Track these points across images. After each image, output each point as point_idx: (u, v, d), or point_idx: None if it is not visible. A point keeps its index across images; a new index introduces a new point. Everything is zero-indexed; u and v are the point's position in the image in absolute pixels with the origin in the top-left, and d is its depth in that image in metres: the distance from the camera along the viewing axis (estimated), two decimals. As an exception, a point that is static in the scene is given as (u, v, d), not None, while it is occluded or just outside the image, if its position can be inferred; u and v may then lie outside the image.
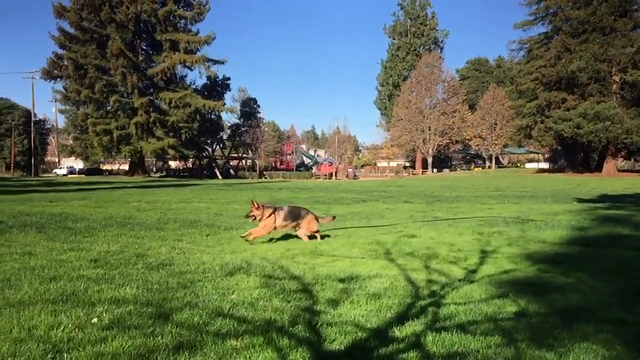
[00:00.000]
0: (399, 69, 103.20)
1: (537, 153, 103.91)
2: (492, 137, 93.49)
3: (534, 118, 73.72)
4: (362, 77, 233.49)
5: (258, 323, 4.47)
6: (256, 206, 10.20)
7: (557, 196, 25.54)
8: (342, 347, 3.98)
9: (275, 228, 10.24)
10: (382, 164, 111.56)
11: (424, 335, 4.24)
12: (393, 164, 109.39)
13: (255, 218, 10.20)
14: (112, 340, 3.89)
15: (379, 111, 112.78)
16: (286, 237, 10.80)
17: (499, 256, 8.38)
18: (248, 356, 3.71)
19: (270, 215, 10.12)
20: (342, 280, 6.31)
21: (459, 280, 6.50)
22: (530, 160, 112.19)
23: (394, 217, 15.78)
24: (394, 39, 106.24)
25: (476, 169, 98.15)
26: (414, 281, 6.35)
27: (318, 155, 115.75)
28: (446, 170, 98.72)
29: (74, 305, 4.81)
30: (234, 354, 3.75)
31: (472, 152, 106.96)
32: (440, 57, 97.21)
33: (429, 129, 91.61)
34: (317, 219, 10.51)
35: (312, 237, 10.33)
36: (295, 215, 10.36)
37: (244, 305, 5.05)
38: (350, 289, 5.91)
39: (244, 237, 10.16)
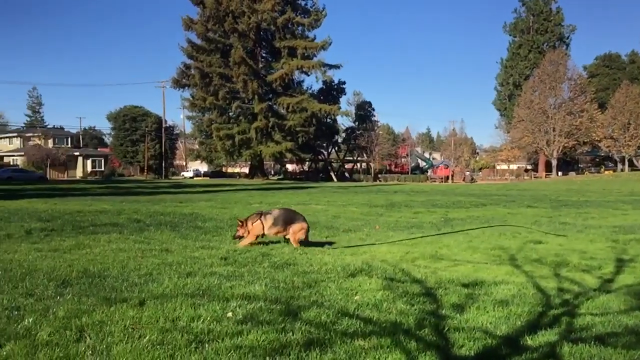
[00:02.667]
0: (520, 67, 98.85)
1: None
2: (624, 137, 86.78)
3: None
4: (479, 78, 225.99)
5: (384, 325, 4.51)
6: (240, 224, 9.54)
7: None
8: (472, 353, 3.91)
9: (263, 235, 9.55)
10: (501, 166, 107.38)
11: (559, 346, 4.05)
12: (513, 166, 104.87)
13: (242, 236, 9.50)
14: (247, 334, 4.10)
15: (498, 112, 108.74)
16: (404, 244, 10.71)
17: (638, 265, 7.80)
18: (377, 357, 3.75)
19: (255, 222, 9.45)
20: (466, 286, 6.18)
21: (594, 290, 6.13)
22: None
23: (517, 222, 15.16)
24: (515, 36, 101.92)
25: (606, 172, 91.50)
26: (543, 289, 6.07)
27: (433, 158, 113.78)
28: (572, 174, 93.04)
29: (210, 300, 5.12)
30: (363, 353, 3.80)
31: (602, 154, 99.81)
32: (565, 54, 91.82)
33: (553, 130, 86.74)
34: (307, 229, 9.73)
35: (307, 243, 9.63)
36: (286, 220, 9.58)
37: (368, 307, 5.11)
38: (475, 294, 5.78)
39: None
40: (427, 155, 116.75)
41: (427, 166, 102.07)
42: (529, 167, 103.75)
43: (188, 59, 77.10)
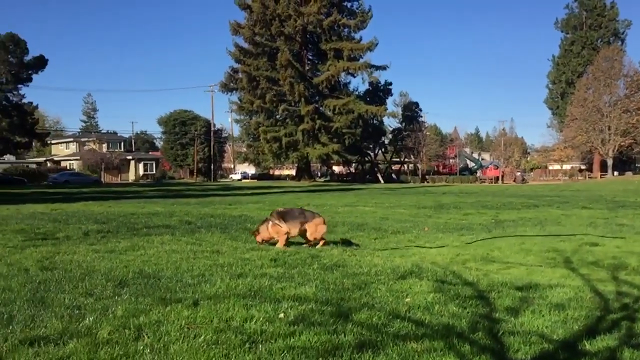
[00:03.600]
0: (573, 65, 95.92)
1: None
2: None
3: None
4: (530, 76, 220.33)
5: (436, 327, 4.47)
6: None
7: None
8: (528, 358, 3.83)
9: (271, 238, 9.51)
10: (553, 167, 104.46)
11: (619, 351, 3.93)
12: (566, 167, 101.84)
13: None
14: (299, 335, 4.14)
15: (549, 111, 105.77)
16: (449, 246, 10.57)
17: (702, 269, 7.47)
18: (430, 359, 3.72)
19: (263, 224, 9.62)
20: (519, 289, 6.06)
21: (656, 294, 5.90)
22: None
23: (571, 223, 14.74)
24: (568, 33, 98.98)
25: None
26: (601, 293, 5.89)
27: (482, 159, 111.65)
28: (629, 173, 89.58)
29: (262, 301, 5.19)
30: (416, 356, 3.78)
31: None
32: (621, 50, 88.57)
33: (609, 129, 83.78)
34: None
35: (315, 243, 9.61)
36: (292, 217, 9.60)
37: (420, 309, 5.07)
38: (529, 297, 5.66)
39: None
40: (475, 155, 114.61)
41: (476, 167, 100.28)
42: (582, 167, 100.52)
43: (236, 63, 78.21)
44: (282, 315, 4.71)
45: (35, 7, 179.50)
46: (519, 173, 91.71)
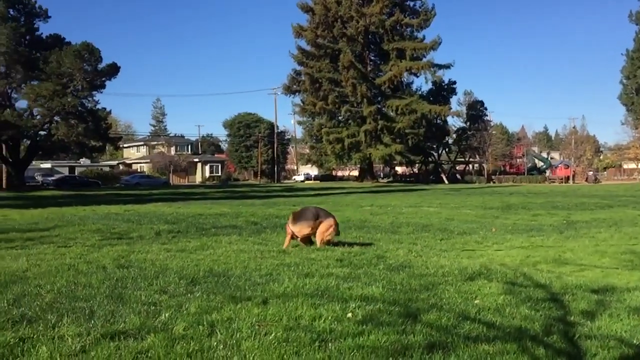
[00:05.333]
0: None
1: None
2: None
3: None
4: (602, 71, 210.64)
5: (508, 330, 4.37)
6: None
7: None
8: (606, 363, 3.70)
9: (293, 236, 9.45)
10: (629, 165, 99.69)
11: None
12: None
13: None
14: (368, 335, 4.15)
15: (624, 107, 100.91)
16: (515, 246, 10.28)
17: None
18: (503, 362, 3.66)
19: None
20: (595, 292, 5.85)
21: None
22: None
23: (650, 225, 14.06)
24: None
25: None
26: (685, 297, 5.59)
27: (552, 158, 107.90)
28: None
29: (330, 300, 5.23)
30: (488, 358, 3.72)
31: None
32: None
33: (689, 125, 79.29)
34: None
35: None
36: (306, 217, 9.49)
37: (490, 311, 4.98)
38: (606, 301, 5.45)
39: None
40: (544, 154, 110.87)
41: (545, 166, 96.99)
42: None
43: (298, 65, 78.91)
44: (350, 314, 4.74)
45: (106, 16, 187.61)
46: (591, 172, 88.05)
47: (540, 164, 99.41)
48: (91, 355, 3.73)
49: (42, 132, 53.36)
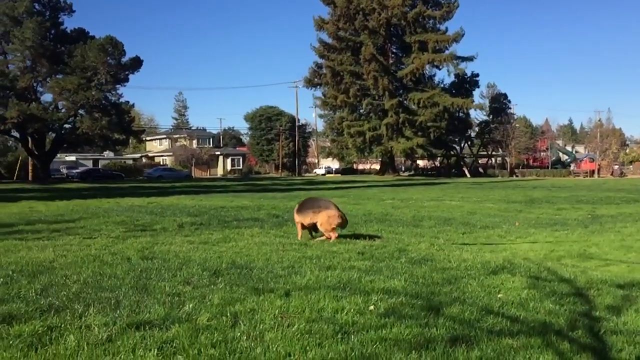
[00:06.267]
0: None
1: None
2: None
3: None
4: (629, 63, 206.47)
5: (532, 324, 4.34)
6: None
7: None
8: (632, 358, 3.65)
9: (303, 226, 9.51)
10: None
11: None
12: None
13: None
14: (391, 328, 4.15)
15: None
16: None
17: None
18: (527, 356, 3.62)
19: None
20: (621, 287, 5.77)
21: None
22: None
23: (678, 219, 13.78)
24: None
25: None
26: None
27: (576, 151, 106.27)
28: None
29: (352, 293, 5.24)
30: (512, 352, 3.69)
31: None
32: None
33: None
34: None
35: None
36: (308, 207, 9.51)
37: (514, 305, 4.94)
38: (632, 296, 5.39)
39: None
40: (569, 148, 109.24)
41: (569, 160, 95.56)
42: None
43: (320, 58, 78.80)
44: (372, 307, 4.74)
45: (130, 9, 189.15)
46: (617, 166, 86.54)
47: (564, 157, 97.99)
48: (117, 344, 3.79)
49: (66, 125, 54.11)
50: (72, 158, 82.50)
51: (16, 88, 49.15)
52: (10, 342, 3.83)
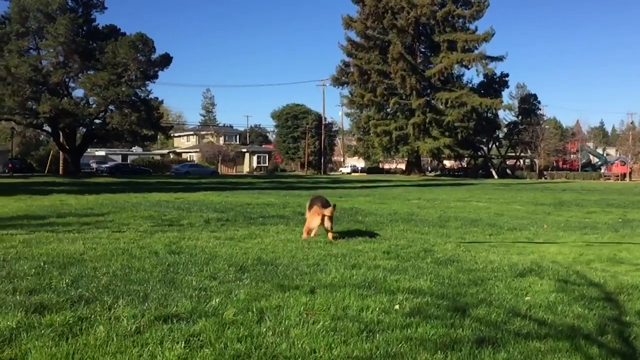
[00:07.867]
0: None
1: None
2: None
3: None
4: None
5: (560, 328, 4.28)
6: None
7: None
8: (664, 365, 3.58)
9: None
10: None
11: None
12: None
13: None
14: (416, 327, 4.14)
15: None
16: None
17: None
18: (555, 360, 3.59)
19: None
20: (652, 292, 5.64)
21: None
22: None
23: None
24: None
25: None
26: None
27: (607, 154, 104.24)
28: None
29: (377, 292, 5.24)
30: (539, 355, 3.65)
31: None
32: None
33: None
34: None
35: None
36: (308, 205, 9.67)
37: (541, 308, 4.89)
38: (665, 302, 5.26)
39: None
40: (600, 151, 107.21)
41: (600, 163, 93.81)
42: None
43: (347, 56, 78.72)
44: (397, 306, 4.73)
45: (160, 6, 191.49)
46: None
47: (595, 160, 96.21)
48: (145, 336, 3.85)
49: (97, 121, 55.09)
50: (102, 153, 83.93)
51: (49, 83, 50.20)
52: (42, 331, 3.92)
